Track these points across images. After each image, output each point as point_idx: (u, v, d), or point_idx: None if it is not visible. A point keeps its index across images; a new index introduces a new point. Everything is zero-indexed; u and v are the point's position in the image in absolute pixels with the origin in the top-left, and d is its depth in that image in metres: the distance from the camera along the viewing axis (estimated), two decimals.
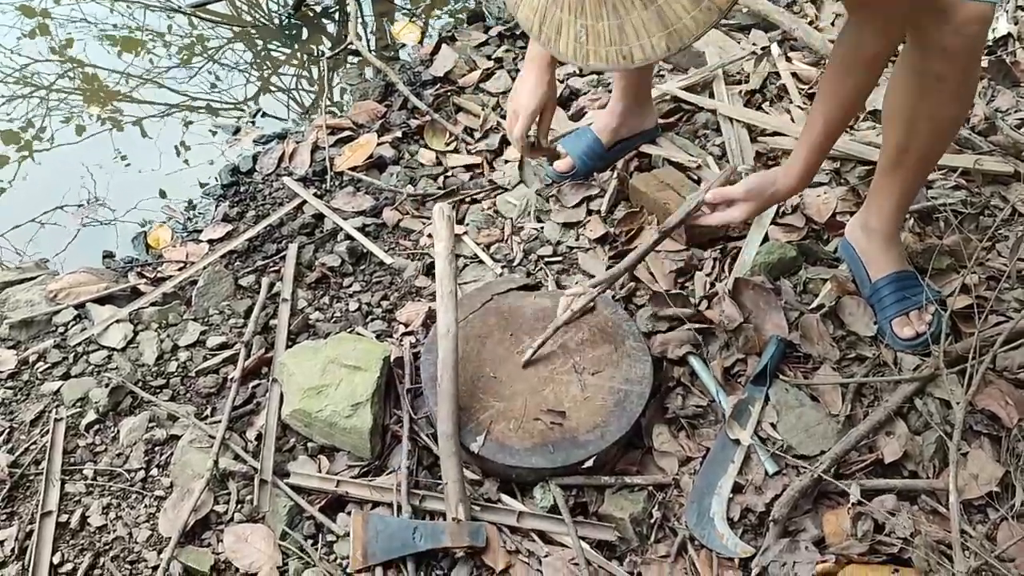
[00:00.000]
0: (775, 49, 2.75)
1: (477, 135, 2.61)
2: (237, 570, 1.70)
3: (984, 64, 2.63)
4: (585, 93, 2.68)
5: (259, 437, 1.88)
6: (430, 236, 2.27)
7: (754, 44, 2.80)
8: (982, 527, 1.67)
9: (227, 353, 2.05)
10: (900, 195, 1.93)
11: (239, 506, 1.78)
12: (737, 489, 1.77)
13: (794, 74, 2.68)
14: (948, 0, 1.58)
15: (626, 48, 1.28)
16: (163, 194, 2.64)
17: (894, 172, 1.90)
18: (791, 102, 2.59)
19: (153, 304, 2.19)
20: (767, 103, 2.60)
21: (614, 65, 1.30)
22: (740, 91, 2.63)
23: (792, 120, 2.51)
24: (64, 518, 1.78)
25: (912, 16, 1.64)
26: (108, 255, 2.45)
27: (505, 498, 1.77)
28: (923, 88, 1.72)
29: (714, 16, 1.23)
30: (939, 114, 1.76)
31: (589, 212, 2.33)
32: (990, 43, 2.78)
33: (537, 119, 2.02)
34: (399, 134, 2.62)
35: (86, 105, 3.00)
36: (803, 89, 2.63)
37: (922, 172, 1.93)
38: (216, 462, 1.80)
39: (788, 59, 2.74)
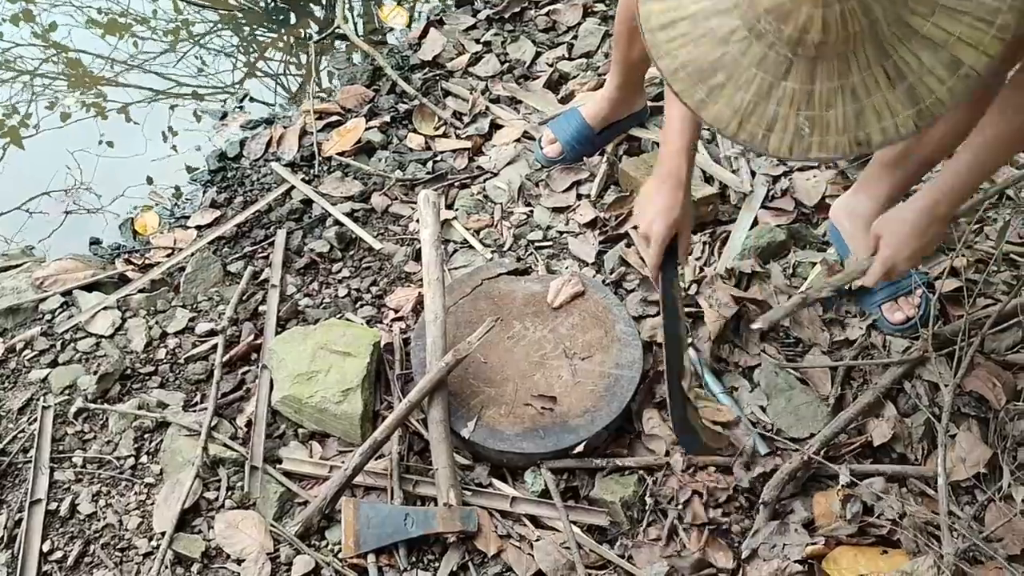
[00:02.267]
0: None
1: (466, 119, 2.59)
2: (228, 556, 1.70)
3: None
4: (575, 77, 2.66)
5: (249, 423, 1.88)
6: (419, 221, 2.26)
7: None
8: (970, 508, 1.69)
9: (216, 340, 2.04)
10: (895, 189, 1.92)
11: (230, 492, 1.78)
12: (725, 470, 1.78)
13: None
14: None
15: (863, 134, 1.13)
16: (150, 180, 2.62)
17: (894, 167, 1.89)
18: None
19: (141, 291, 2.17)
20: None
21: (844, 154, 1.16)
22: None
23: None
24: (53, 506, 1.78)
25: None
26: (95, 242, 2.43)
27: (496, 483, 1.78)
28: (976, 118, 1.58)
29: (971, 83, 1.09)
30: (956, 128, 1.69)
31: (579, 197, 2.33)
32: None
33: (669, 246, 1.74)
34: (387, 119, 2.61)
35: (71, 91, 2.96)
36: None
37: (922, 172, 1.92)
38: (205, 449, 1.79)
39: None
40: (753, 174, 2.30)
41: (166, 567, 1.66)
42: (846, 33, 1.07)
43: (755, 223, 2.17)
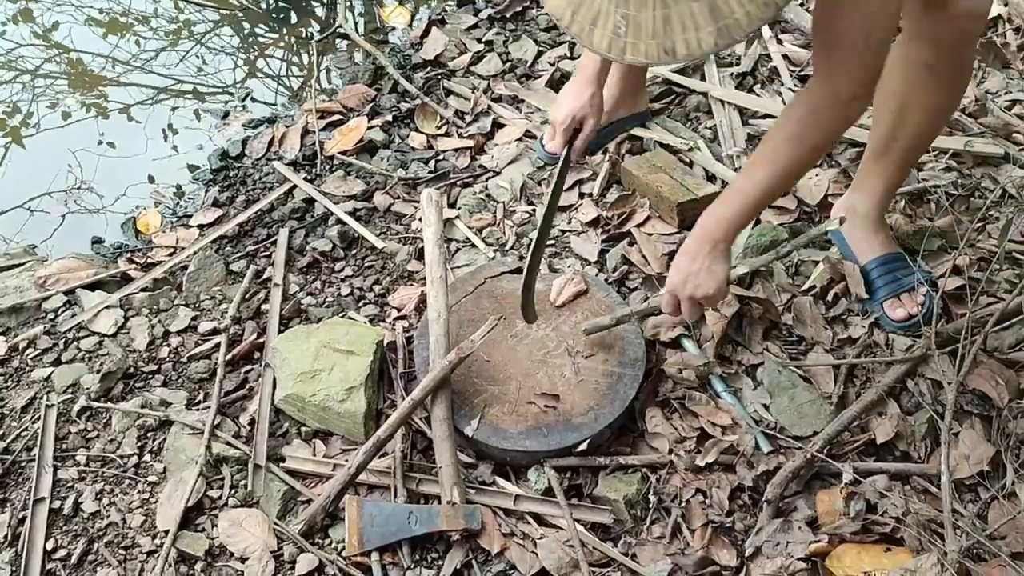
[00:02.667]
0: (766, 31, 2.75)
1: (468, 118, 2.60)
2: (232, 555, 1.70)
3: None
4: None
5: (252, 422, 1.88)
6: (421, 220, 2.26)
7: None
8: (973, 506, 1.69)
9: (218, 338, 2.04)
10: (887, 181, 1.94)
11: (233, 491, 1.78)
12: (729, 468, 1.78)
13: (785, 56, 2.67)
14: None
15: (669, 42, 1.17)
16: (151, 179, 2.62)
17: (882, 158, 1.91)
18: (782, 84, 2.58)
19: (143, 290, 2.17)
20: (758, 85, 2.60)
21: (654, 60, 1.20)
22: (731, 73, 2.62)
23: (783, 103, 2.51)
24: (57, 504, 1.78)
25: (909, 6, 1.64)
26: (97, 241, 2.43)
27: (500, 481, 1.78)
28: (914, 78, 1.72)
29: (770, 12, 1.15)
30: (929, 104, 1.77)
31: (581, 195, 2.33)
32: None
33: (573, 132, 1.88)
34: (389, 118, 2.61)
35: (72, 90, 2.96)
36: (794, 71, 2.63)
37: (910, 159, 1.94)
38: (208, 448, 1.79)
39: (779, 41, 2.73)
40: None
41: (170, 565, 1.66)
42: None
43: (757, 222, 2.17)
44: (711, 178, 2.29)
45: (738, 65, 2.65)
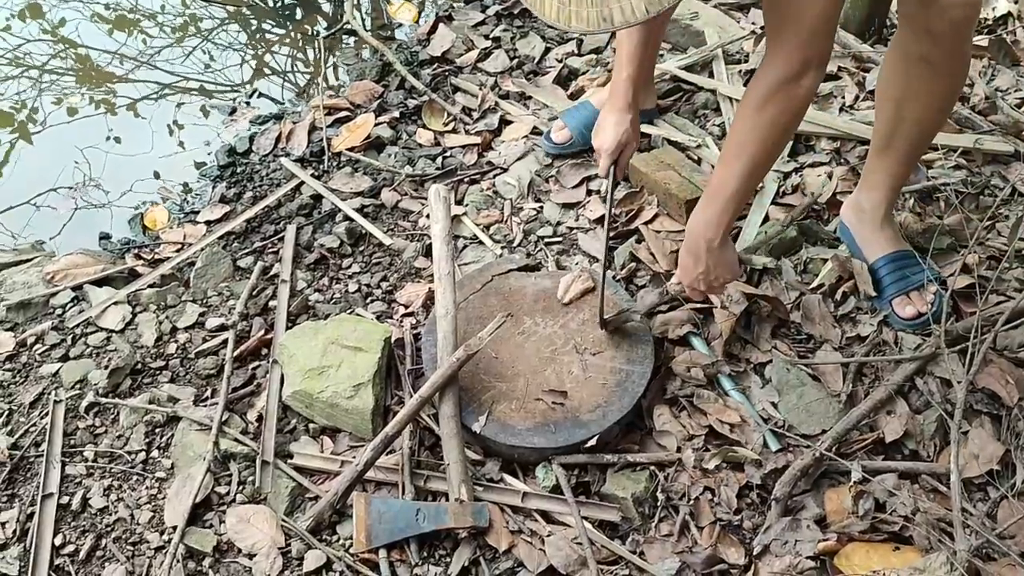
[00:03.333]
0: None
1: (475, 115, 2.59)
2: (239, 551, 1.70)
3: (984, 43, 2.62)
4: (584, 72, 2.66)
5: (260, 418, 1.88)
6: (429, 217, 2.26)
7: (753, 23, 2.79)
8: (983, 505, 1.68)
9: (226, 335, 2.04)
10: (892, 176, 1.93)
11: (241, 487, 1.78)
12: (737, 467, 1.77)
13: None
14: None
15: (607, 10, 1.27)
16: (158, 175, 2.62)
17: (885, 153, 1.90)
18: None
19: (151, 286, 2.17)
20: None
21: (594, 27, 1.29)
22: (740, 70, 2.61)
23: None
24: (65, 500, 1.78)
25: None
26: (105, 236, 2.43)
27: (507, 478, 1.78)
28: (910, 70, 1.73)
29: None
30: (928, 96, 1.77)
31: (589, 192, 2.32)
32: (990, 22, 2.77)
33: (619, 155, 2.03)
34: (397, 114, 2.61)
35: (79, 86, 2.97)
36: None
37: (913, 154, 1.93)
38: (216, 444, 1.79)
39: None
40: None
41: (178, 561, 1.66)
42: None
43: (766, 219, 2.17)
44: None
45: (746, 62, 2.64)
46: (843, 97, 2.48)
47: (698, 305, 1.98)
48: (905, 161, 1.92)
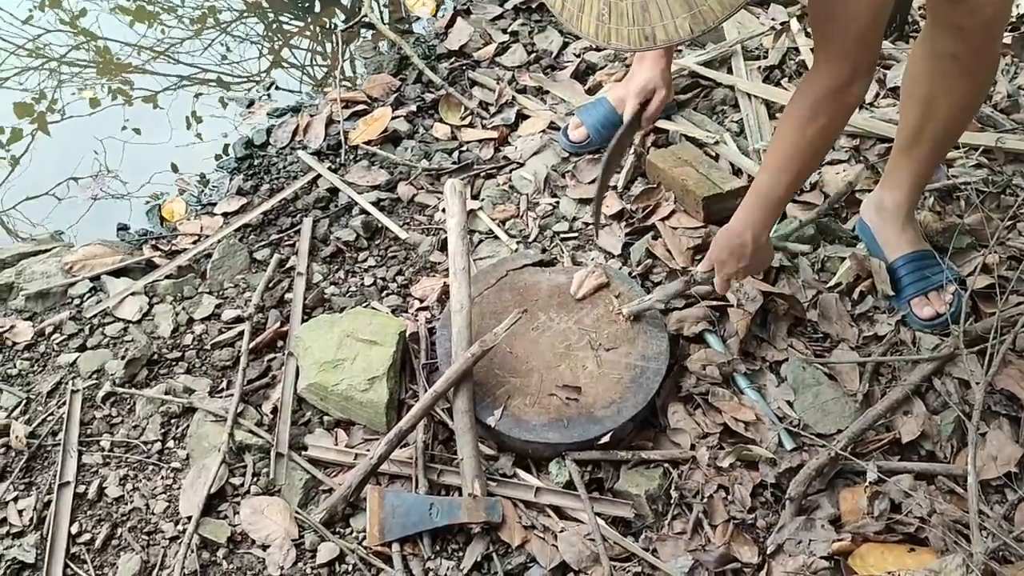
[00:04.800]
0: (794, 24, 2.72)
1: (492, 109, 2.59)
2: (253, 542, 1.70)
3: (1007, 40, 2.59)
4: (602, 68, 2.65)
5: (275, 410, 1.89)
6: (444, 211, 2.26)
7: (773, 19, 2.77)
8: (1000, 507, 1.67)
9: (242, 327, 2.05)
10: (915, 175, 1.92)
11: (255, 479, 1.79)
12: (751, 465, 1.77)
13: (813, 49, 2.64)
14: None
15: (648, 28, 1.25)
16: (175, 168, 2.63)
17: (910, 151, 1.88)
18: None
19: (168, 277, 2.18)
20: (786, 79, 2.57)
21: (635, 45, 1.28)
22: (759, 67, 2.60)
23: None
24: (81, 489, 1.79)
25: None
26: (123, 228, 2.45)
27: (521, 473, 1.78)
28: (938, 68, 1.71)
29: (738, 1, 1.22)
30: (955, 95, 1.74)
31: (605, 188, 2.31)
32: (1013, 19, 2.74)
33: (647, 101, 2.01)
34: (414, 108, 2.61)
35: (98, 77, 2.98)
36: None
37: (938, 153, 1.91)
38: (231, 435, 1.80)
39: (807, 34, 2.70)
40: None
41: (192, 551, 1.67)
42: None
43: (783, 216, 2.15)
44: (737, 172, 2.27)
45: (766, 58, 2.63)
46: None
47: (714, 302, 1.97)
48: (929, 160, 1.90)
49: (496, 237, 2.23)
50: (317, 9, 3.26)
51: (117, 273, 2.20)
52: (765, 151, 2.29)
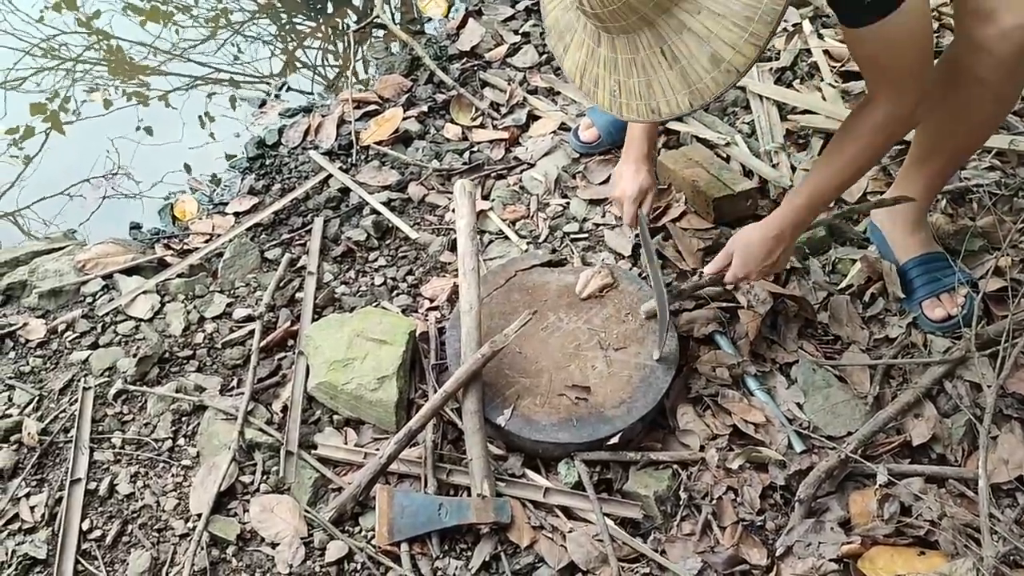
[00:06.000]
0: (807, 26, 2.71)
1: (503, 110, 2.59)
2: (263, 540, 1.71)
3: None
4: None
5: (285, 409, 1.89)
6: (455, 211, 2.26)
7: (786, 21, 2.76)
8: (1011, 511, 1.66)
9: (253, 325, 2.05)
10: (928, 183, 1.91)
11: (265, 477, 1.80)
12: (761, 467, 1.76)
13: (826, 51, 2.64)
14: (996, 2, 1.53)
15: (654, 103, 1.38)
16: (188, 167, 2.65)
17: (925, 163, 1.88)
18: (822, 80, 2.55)
19: (180, 275, 2.20)
20: (798, 81, 2.57)
21: (644, 118, 1.41)
22: (771, 68, 2.59)
23: (823, 98, 2.48)
24: (93, 486, 1.80)
25: (959, 15, 1.61)
26: (135, 226, 2.46)
27: (530, 473, 1.78)
28: (963, 87, 1.67)
29: (732, 78, 1.31)
30: (976, 114, 1.72)
31: None
32: None
33: (639, 203, 2.02)
34: (425, 108, 2.61)
35: (112, 77, 3.00)
36: (835, 67, 2.59)
37: (953, 165, 1.91)
38: (241, 433, 1.81)
39: (820, 36, 2.69)
40: (793, 168, 2.28)
41: (202, 548, 1.68)
42: (619, 16, 1.31)
43: None
44: (748, 173, 2.26)
45: (777, 60, 2.62)
46: None
47: (724, 304, 1.97)
48: (942, 173, 1.90)
49: (506, 237, 2.23)
50: (329, 10, 3.27)
51: (129, 271, 2.21)
52: (777, 150, 2.29)
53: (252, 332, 2.03)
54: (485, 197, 2.35)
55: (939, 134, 1.80)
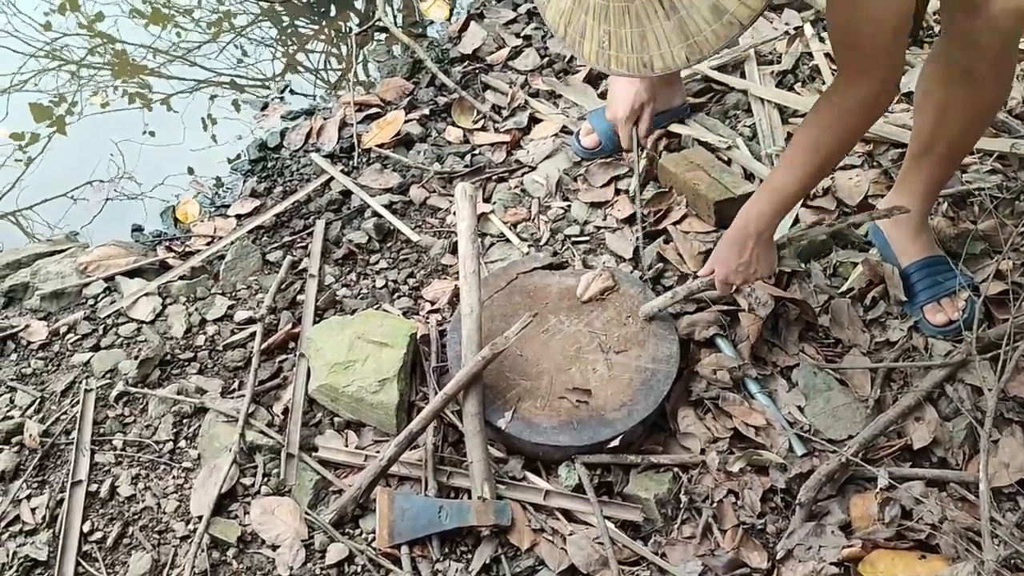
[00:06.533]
0: (808, 29, 2.71)
1: (505, 113, 2.59)
2: (263, 542, 1.71)
3: (1023, 46, 2.58)
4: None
5: (286, 411, 1.89)
6: (456, 214, 2.27)
7: (787, 24, 2.76)
8: (1012, 515, 1.66)
9: (254, 328, 2.06)
10: (928, 183, 1.91)
11: (266, 479, 1.80)
12: (761, 470, 1.76)
13: (827, 55, 2.63)
14: None
15: (647, 56, 1.29)
16: (191, 170, 2.65)
17: (922, 160, 1.88)
18: (824, 83, 2.55)
19: (181, 278, 2.20)
20: (799, 84, 2.57)
21: (634, 72, 1.32)
22: (772, 71, 2.59)
23: None
24: (94, 487, 1.81)
25: (946, 7, 1.62)
26: (137, 229, 2.46)
27: (530, 476, 1.78)
28: (952, 79, 1.69)
29: (734, 31, 1.24)
30: (970, 107, 1.73)
31: (617, 192, 2.32)
32: None
33: (636, 121, 1.99)
34: (426, 111, 2.62)
35: (114, 80, 3.01)
36: (836, 69, 2.58)
37: (951, 162, 1.90)
38: (242, 435, 1.81)
39: (821, 39, 2.69)
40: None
41: (202, 550, 1.68)
42: None
43: (796, 221, 2.15)
44: (749, 176, 2.26)
45: (779, 63, 2.62)
46: None
47: (725, 307, 1.97)
48: (942, 169, 1.90)
49: (507, 240, 2.23)
50: (331, 13, 3.28)
51: (131, 274, 2.21)
52: (779, 153, 2.29)
53: (253, 334, 2.03)
54: (486, 200, 2.35)
55: (933, 128, 1.80)
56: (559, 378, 1.84)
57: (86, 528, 1.75)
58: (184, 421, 1.91)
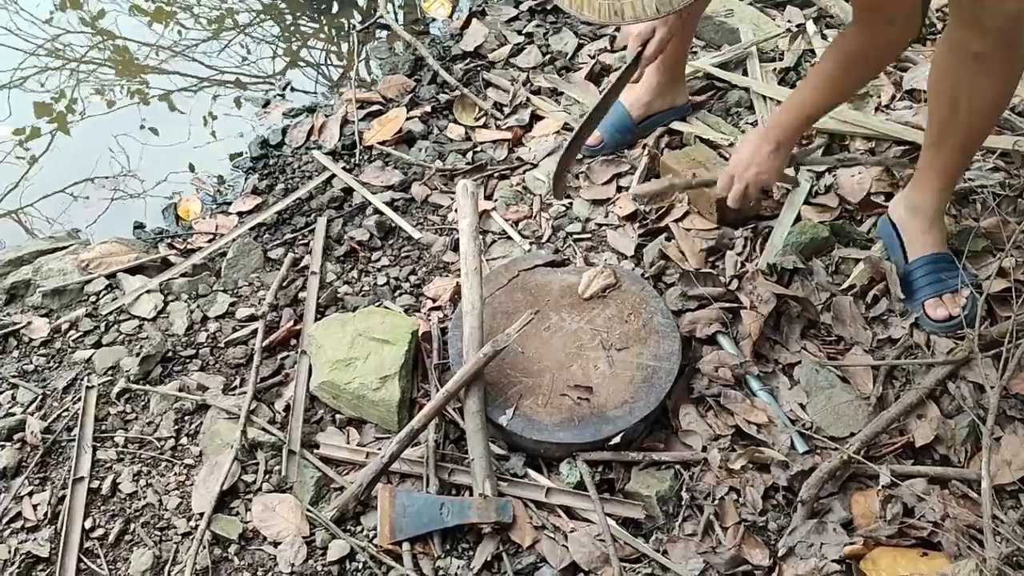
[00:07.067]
0: (810, 26, 2.71)
1: (506, 110, 2.59)
2: (265, 538, 1.71)
3: None
4: (616, 69, 2.65)
5: (287, 408, 1.89)
6: (457, 211, 2.26)
7: (789, 21, 2.76)
8: (1014, 513, 1.65)
9: (256, 325, 2.06)
10: (944, 172, 1.91)
11: (267, 476, 1.80)
12: (763, 468, 1.76)
13: None
14: None
15: (618, 4, 1.30)
16: (192, 167, 2.65)
17: (938, 149, 1.88)
18: None
19: (183, 275, 2.20)
20: (801, 81, 2.56)
21: (604, 19, 1.33)
22: (774, 69, 2.59)
23: None
24: (96, 484, 1.81)
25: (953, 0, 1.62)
26: (139, 226, 2.47)
27: (531, 473, 1.78)
28: (962, 66, 1.70)
29: None
30: (980, 93, 1.73)
31: (619, 189, 2.31)
32: None
33: (644, 42, 2.05)
34: (428, 109, 2.61)
35: (116, 77, 3.01)
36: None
37: (967, 150, 1.90)
38: (244, 432, 1.81)
39: (824, 36, 2.69)
40: (797, 169, 2.27)
41: (204, 547, 1.68)
42: None
43: (798, 219, 2.14)
44: None
45: (781, 60, 2.62)
46: (879, 96, 2.45)
47: (727, 304, 1.96)
48: (959, 157, 1.89)
49: (509, 237, 2.23)
50: (333, 10, 3.28)
51: (133, 271, 2.22)
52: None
53: (255, 331, 2.03)
54: (488, 197, 2.35)
55: (946, 116, 1.79)
56: (560, 375, 1.84)
57: (88, 525, 1.75)
58: (186, 418, 1.91)
